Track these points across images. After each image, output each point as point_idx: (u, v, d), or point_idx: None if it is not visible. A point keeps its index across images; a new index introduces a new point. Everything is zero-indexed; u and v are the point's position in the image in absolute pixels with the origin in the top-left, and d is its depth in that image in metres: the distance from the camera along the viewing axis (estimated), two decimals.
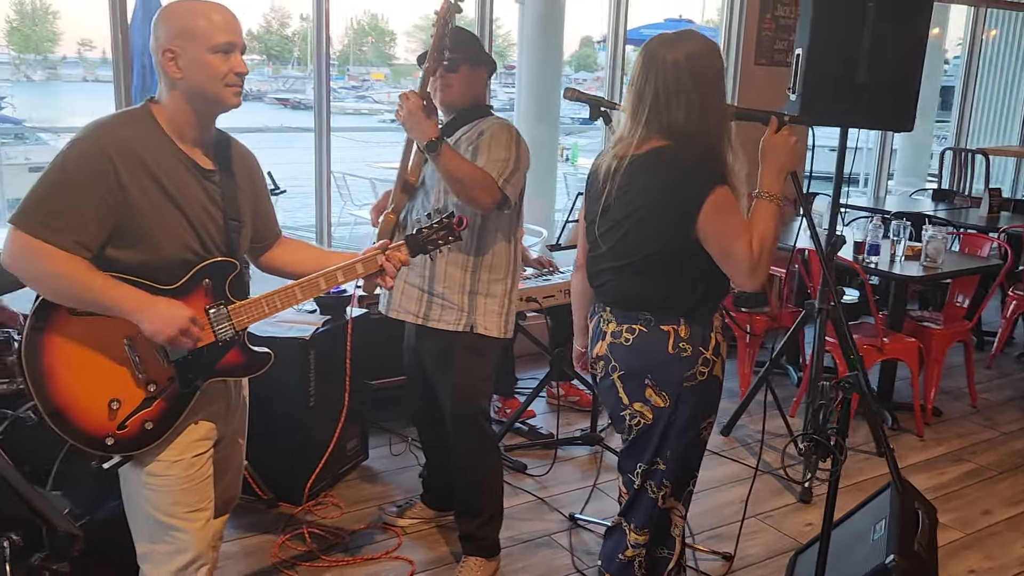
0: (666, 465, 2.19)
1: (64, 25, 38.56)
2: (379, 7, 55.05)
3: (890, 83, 3.26)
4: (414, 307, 2.76)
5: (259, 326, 3.27)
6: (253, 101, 28.92)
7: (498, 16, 5.09)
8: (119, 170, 1.79)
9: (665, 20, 11.63)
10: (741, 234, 1.99)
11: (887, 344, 4.18)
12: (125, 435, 1.89)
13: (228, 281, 1.95)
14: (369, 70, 38.80)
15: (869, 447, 4.05)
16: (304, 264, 2.15)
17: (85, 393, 1.86)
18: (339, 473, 3.55)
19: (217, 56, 1.84)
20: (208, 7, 1.87)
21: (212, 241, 1.93)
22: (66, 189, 1.78)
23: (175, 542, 1.98)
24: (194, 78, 1.84)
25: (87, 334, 1.85)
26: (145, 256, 1.85)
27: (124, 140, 1.81)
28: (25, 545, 2.60)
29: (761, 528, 3.37)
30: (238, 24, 1.89)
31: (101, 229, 1.80)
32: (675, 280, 2.09)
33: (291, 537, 3.13)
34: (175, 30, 1.84)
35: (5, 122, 15.29)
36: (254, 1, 56.73)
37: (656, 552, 2.29)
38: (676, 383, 2.11)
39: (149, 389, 1.90)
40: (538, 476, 3.68)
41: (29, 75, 32.33)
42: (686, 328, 2.10)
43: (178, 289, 1.88)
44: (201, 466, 2.00)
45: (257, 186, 2.12)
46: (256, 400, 3.06)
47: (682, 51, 1.99)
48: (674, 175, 2.01)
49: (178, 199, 1.85)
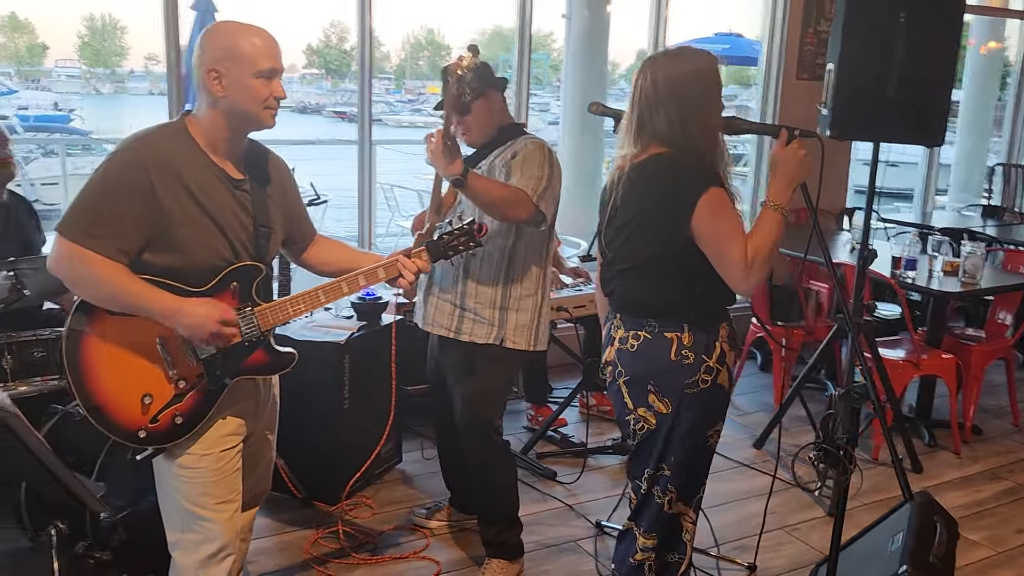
0: (671, 471, 2.24)
1: (132, 40, 39.67)
2: (436, 22, 55.76)
3: (921, 98, 3.25)
4: (446, 321, 2.84)
5: (297, 330, 3.46)
6: (312, 114, 29.57)
7: (551, 31, 5.20)
8: (155, 181, 1.90)
9: (715, 34, 11.60)
10: (735, 237, 2.05)
11: (924, 360, 4.15)
12: (157, 428, 2.01)
13: (255, 284, 2.05)
14: (425, 84, 39.26)
15: (904, 463, 4.02)
16: (337, 263, 2.28)
17: (120, 388, 1.99)
18: (373, 475, 3.65)
19: (260, 80, 1.96)
20: (252, 31, 1.97)
21: (242, 246, 2.04)
22: (107, 199, 1.90)
23: (204, 531, 2.08)
24: (236, 98, 1.96)
25: (122, 333, 1.98)
26: (178, 261, 1.96)
27: (160, 153, 1.94)
28: (70, 534, 2.78)
29: (788, 540, 3.38)
30: (279, 49, 2.01)
31: (139, 236, 1.92)
32: (675, 284, 2.15)
33: (324, 535, 3.24)
34: (221, 51, 1.95)
35: (73, 134, 15.91)
36: (314, 16, 57.81)
37: (667, 556, 2.34)
38: (678, 390, 2.15)
39: (179, 386, 2.02)
40: (567, 483, 3.73)
41: (98, 88, 33.50)
42: (689, 336, 2.15)
43: (207, 292, 2.00)
44: (230, 460, 2.11)
45: (288, 193, 2.22)
46: (292, 401, 3.19)
47: (664, 70, 2.11)
48: (669, 179, 2.10)
49: (209, 208, 1.97)
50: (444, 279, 2.83)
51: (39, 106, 20.32)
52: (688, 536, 2.34)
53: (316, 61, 42.17)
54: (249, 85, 1.95)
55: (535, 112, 24.16)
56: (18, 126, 15.05)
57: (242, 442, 2.16)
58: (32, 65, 37.75)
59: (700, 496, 2.33)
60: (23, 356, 2.86)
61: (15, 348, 2.86)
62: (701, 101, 2.10)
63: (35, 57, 39.06)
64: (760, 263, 2.04)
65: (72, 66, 38.22)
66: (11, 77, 27.77)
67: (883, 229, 5.88)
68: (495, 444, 2.93)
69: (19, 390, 2.84)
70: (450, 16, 63.75)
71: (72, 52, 39.55)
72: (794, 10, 5.50)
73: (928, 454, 4.18)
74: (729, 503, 3.63)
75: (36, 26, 39.01)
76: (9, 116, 16.07)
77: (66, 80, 33.80)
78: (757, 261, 2.03)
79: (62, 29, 44.59)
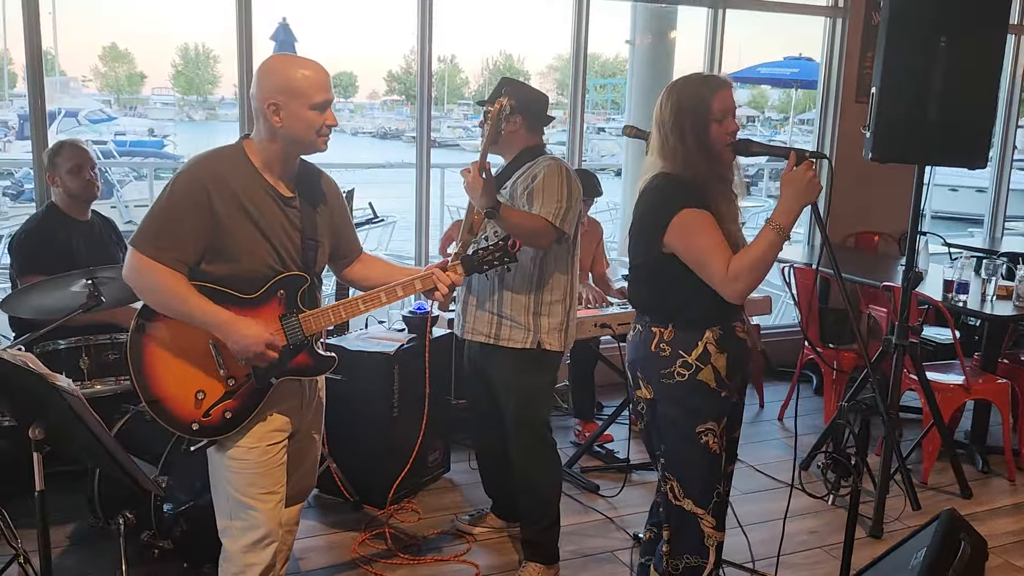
0: (664, 458, 2.42)
1: (224, 68, 41.31)
2: (514, 48, 56.49)
3: (962, 120, 3.28)
4: (485, 328, 3.01)
5: (350, 341, 3.66)
6: (392, 139, 30.30)
7: (617, 53, 5.33)
8: (213, 199, 2.11)
9: (784, 58, 11.54)
10: (713, 252, 2.22)
11: (977, 384, 4.10)
12: (209, 422, 2.20)
13: (300, 293, 2.24)
14: None
15: (954, 488, 3.98)
16: (377, 278, 2.43)
17: (176, 385, 2.19)
18: (421, 482, 3.81)
19: (315, 112, 2.14)
20: (307, 64, 2.16)
21: (290, 258, 2.23)
22: (170, 214, 2.11)
23: (249, 519, 2.25)
24: (293, 128, 2.15)
25: (180, 335, 2.18)
26: (231, 270, 2.16)
27: (218, 173, 2.14)
28: (137, 523, 3.01)
29: (825, 559, 3.40)
30: (329, 81, 2.19)
31: (197, 248, 2.13)
32: (661, 287, 2.35)
33: (371, 536, 3.41)
34: (278, 85, 2.12)
35: (165, 159, 16.73)
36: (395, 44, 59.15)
37: (690, 560, 2.44)
38: (656, 378, 2.37)
39: (229, 383, 2.20)
40: (609, 497, 3.82)
41: (191, 115, 35.00)
42: (671, 332, 2.34)
43: (257, 298, 2.19)
44: (275, 454, 2.28)
45: (336, 210, 2.40)
46: (344, 408, 3.40)
47: (673, 95, 2.30)
48: (652, 196, 2.31)
49: (260, 222, 2.16)
50: (481, 290, 3.00)
51: (135, 132, 21.39)
52: (711, 542, 2.43)
53: (396, 87, 43.25)
54: (305, 116, 2.13)
55: (610, 136, 23.94)
56: (114, 151, 15.93)
57: (288, 439, 2.33)
58: (130, 93, 39.77)
59: (717, 502, 2.41)
60: (99, 358, 3.12)
61: (92, 350, 3.12)
62: (699, 126, 2.24)
63: (133, 85, 41.16)
64: (741, 276, 2.19)
65: (167, 94, 40.13)
66: (111, 104, 29.28)
67: (947, 254, 5.81)
68: (544, 441, 3.10)
69: (95, 389, 3.09)
70: (527, 42, 64.49)
71: (167, 80, 41.56)
72: (852, 33, 5.52)
73: (981, 480, 4.13)
74: (770, 521, 3.65)
75: (135, 56, 41.17)
76: (107, 141, 17.01)
77: (161, 107, 35.49)
78: (739, 274, 2.19)
79: (158, 58, 46.86)
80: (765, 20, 5.89)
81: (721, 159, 2.28)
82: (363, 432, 3.55)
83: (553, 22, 42.65)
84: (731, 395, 2.39)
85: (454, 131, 27.00)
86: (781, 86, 15.20)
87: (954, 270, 4.23)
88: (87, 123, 18.79)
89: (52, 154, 3.46)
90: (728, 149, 2.27)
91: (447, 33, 13.16)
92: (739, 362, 2.38)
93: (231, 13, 4.24)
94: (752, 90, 33.66)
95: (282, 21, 6.86)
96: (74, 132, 16.46)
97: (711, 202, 2.24)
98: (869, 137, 3.48)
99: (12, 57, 23.72)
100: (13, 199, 10.91)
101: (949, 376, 4.19)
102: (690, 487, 2.40)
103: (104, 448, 1.83)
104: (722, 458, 2.40)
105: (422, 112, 4.79)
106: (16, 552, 2.67)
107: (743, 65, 12.59)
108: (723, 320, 2.34)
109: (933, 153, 3.37)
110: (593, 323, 3.82)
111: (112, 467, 1.99)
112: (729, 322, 2.35)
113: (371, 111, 43.16)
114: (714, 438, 2.35)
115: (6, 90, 25.03)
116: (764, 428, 4.86)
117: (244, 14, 4.24)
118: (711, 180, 2.26)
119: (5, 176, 13.01)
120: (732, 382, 2.37)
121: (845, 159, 5.47)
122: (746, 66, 12.37)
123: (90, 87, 35.58)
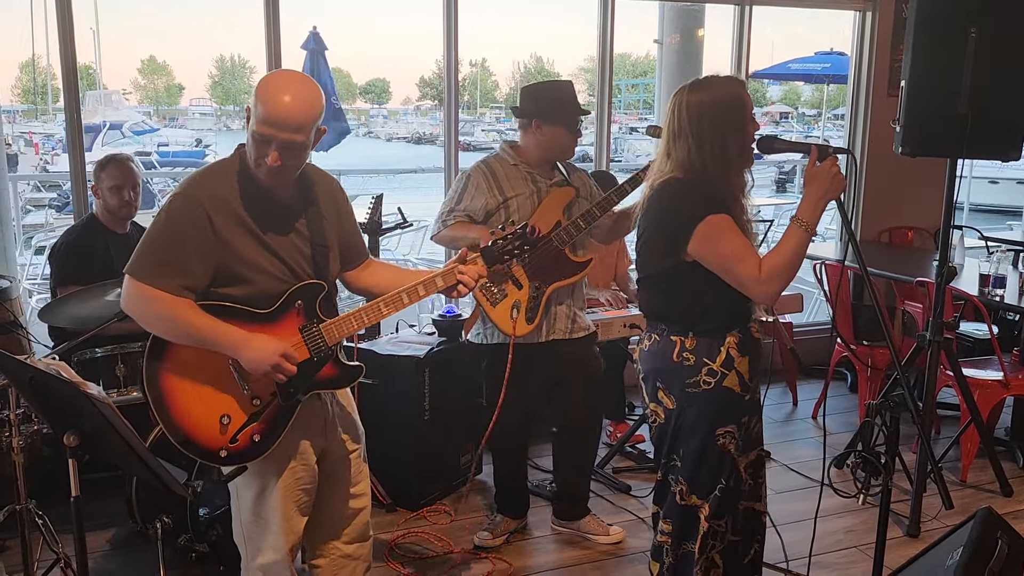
0: (680, 463, 2.40)
1: (259, 78, 41.86)
2: (545, 51, 56.47)
3: (995, 111, 3.22)
4: (563, 324, 3.26)
5: (382, 345, 3.69)
6: (426, 144, 30.46)
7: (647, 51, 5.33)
8: (211, 214, 2.00)
9: (816, 53, 11.42)
10: (741, 257, 2.18)
11: (1016, 380, 4.02)
12: (237, 448, 2.09)
13: (318, 301, 2.14)
14: None
15: (994, 486, 3.91)
16: (387, 285, 2.26)
17: (199, 412, 2.07)
18: (453, 485, 3.83)
19: (258, 140, 1.97)
20: (285, 93, 1.97)
21: (301, 268, 2.13)
22: (169, 239, 2.00)
23: (266, 541, 2.18)
24: (249, 142, 2.03)
25: (197, 359, 2.06)
26: (246, 291, 2.07)
27: (213, 189, 2.03)
28: (174, 527, 3.07)
29: (861, 559, 3.36)
30: (298, 122, 1.96)
31: (206, 270, 2.02)
32: (678, 295, 2.31)
33: (405, 536, 3.44)
34: (256, 94, 1.99)
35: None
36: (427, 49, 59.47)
37: (685, 545, 2.45)
38: (679, 388, 2.33)
39: (254, 404, 2.10)
40: (641, 497, 3.81)
41: (228, 125, 35.49)
42: (692, 340, 2.30)
43: (273, 312, 2.09)
44: (299, 476, 2.19)
45: (341, 215, 2.27)
46: (376, 412, 3.43)
47: (687, 99, 2.24)
48: (671, 205, 2.25)
49: (264, 236, 2.06)
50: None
51: (178, 143, 21.78)
52: (702, 529, 2.42)
53: (429, 92, 43.47)
54: (252, 140, 2.00)
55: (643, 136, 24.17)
56: (156, 162, 16.23)
57: (316, 463, 2.23)
58: (169, 104, 40.47)
59: (718, 495, 2.38)
60: (135, 365, 3.18)
61: (127, 358, 3.19)
62: (717, 130, 2.20)
63: (172, 97, 41.91)
64: (774, 276, 2.16)
65: (205, 104, 40.76)
66: (150, 116, 29.80)
67: (984, 247, 5.70)
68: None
69: (132, 396, 3.15)
70: (558, 44, 64.48)
71: (204, 91, 42.22)
72: (883, 26, 5.44)
73: (1022, 477, 4.04)
74: (804, 520, 3.61)
75: (173, 68, 41.90)
76: (151, 152, 17.33)
77: (200, 118, 36.05)
78: (772, 275, 2.16)
79: (195, 70, 47.66)
80: (795, 16, 5.85)
81: (750, 158, 2.26)
82: (395, 434, 3.58)
83: (583, 24, 42.61)
84: (753, 396, 2.38)
85: (488, 135, 27.09)
86: (813, 82, 15.06)
87: (991, 264, 4.15)
88: (131, 135, 19.17)
89: (99, 168, 3.54)
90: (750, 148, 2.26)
91: (478, 37, 12.94)
92: (757, 363, 2.38)
93: (261, 24, 4.30)
94: (784, 87, 33.32)
95: (312, 30, 6.93)
96: (118, 144, 16.81)
97: (729, 204, 2.22)
98: (899, 131, 3.43)
99: (56, 72, 24.28)
100: (59, 210, 11.15)
101: (988, 372, 4.11)
102: (698, 486, 2.39)
103: (135, 454, 1.86)
104: (733, 457, 2.37)
105: (449, 116, 4.82)
106: (58, 556, 2.74)
107: (774, 61, 12.48)
108: (741, 323, 2.33)
109: (965, 146, 3.31)
110: (622, 324, 3.82)
111: (143, 472, 2.02)
112: (746, 324, 2.35)
113: (405, 116, 43.42)
114: (731, 440, 2.35)
115: (50, 104, 25.63)
116: (798, 427, 4.81)
117: (272, 25, 4.30)
118: (730, 181, 2.23)
119: (52, 188, 13.30)
120: (754, 383, 2.36)
121: (877, 154, 5.42)
122: (777, 62, 12.26)
123: (130, 100, 36.30)
